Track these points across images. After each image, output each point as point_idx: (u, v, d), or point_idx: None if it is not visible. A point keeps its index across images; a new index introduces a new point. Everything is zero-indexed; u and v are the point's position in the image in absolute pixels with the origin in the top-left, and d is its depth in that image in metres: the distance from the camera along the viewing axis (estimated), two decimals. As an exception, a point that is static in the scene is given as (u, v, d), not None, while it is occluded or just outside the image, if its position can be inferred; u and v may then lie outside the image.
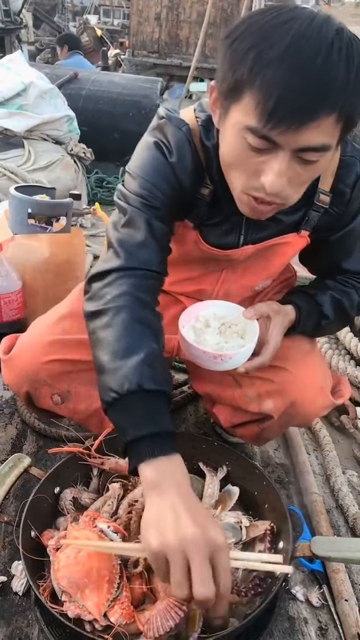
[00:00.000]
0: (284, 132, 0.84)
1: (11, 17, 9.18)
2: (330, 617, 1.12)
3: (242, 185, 0.96)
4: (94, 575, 0.94)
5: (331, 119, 0.84)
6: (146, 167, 1.06)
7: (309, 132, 0.84)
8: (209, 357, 1.08)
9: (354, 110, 0.86)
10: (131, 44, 11.05)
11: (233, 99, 0.88)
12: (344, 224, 1.17)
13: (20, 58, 3.74)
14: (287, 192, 0.93)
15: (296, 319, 1.18)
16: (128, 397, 0.89)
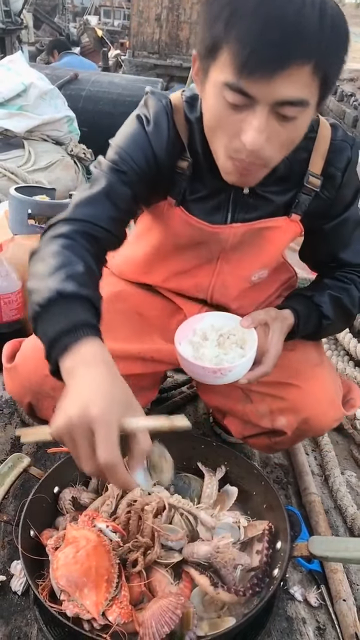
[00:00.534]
0: (257, 82, 0.85)
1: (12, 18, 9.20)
2: (328, 617, 1.12)
3: (224, 148, 0.97)
4: (92, 574, 0.95)
5: (305, 71, 0.85)
6: (124, 137, 1.09)
7: (283, 83, 0.85)
8: (208, 372, 1.06)
9: (329, 66, 0.87)
10: (131, 45, 11.07)
11: (211, 58, 0.90)
12: (337, 212, 1.17)
13: (20, 59, 3.74)
14: (268, 152, 0.94)
15: (295, 323, 1.16)
16: (50, 307, 0.88)
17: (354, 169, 1.14)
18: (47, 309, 0.89)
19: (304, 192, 1.13)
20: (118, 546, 1.02)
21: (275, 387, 1.21)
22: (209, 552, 1.02)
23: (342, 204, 1.16)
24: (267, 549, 1.04)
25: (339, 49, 0.88)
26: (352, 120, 7.98)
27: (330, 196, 1.15)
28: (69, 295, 0.90)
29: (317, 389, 1.22)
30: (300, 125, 0.93)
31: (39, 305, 0.89)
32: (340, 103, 8.74)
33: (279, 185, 1.11)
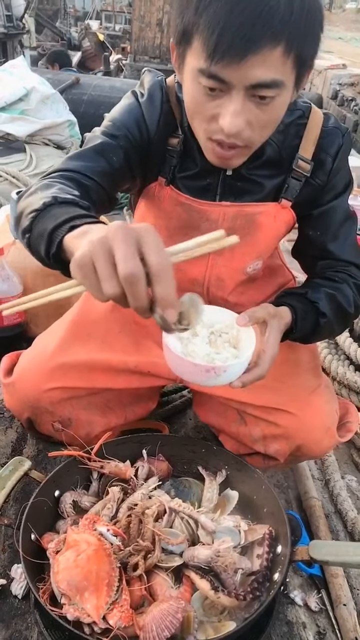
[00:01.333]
0: (228, 66, 0.86)
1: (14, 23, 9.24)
2: (329, 622, 1.12)
3: (204, 131, 0.98)
4: (93, 578, 0.95)
5: (277, 52, 0.85)
6: (119, 109, 1.14)
7: (254, 66, 0.85)
8: (200, 370, 0.92)
9: (302, 45, 0.88)
10: (133, 49, 11.10)
11: (186, 45, 0.92)
12: (326, 199, 1.17)
13: (22, 63, 3.77)
14: (248, 134, 0.95)
15: (293, 320, 1.09)
16: (46, 209, 0.86)
17: (345, 156, 1.15)
18: (44, 211, 0.86)
19: (294, 176, 1.13)
20: (119, 550, 1.02)
21: (270, 412, 1.21)
22: (209, 556, 1.02)
23: (332, 192, 1.16)
24: (268, 553, 1.05)
25: (311, 27, 0.89)
26: (352, 124, 8.00)
27: (322, 183, 1.15)
28: (66, 200, 0.88)
29: (312, 417, 1.21)
30: (278, 105, 0.94)
31: (35, 210, 0.87)
32: (341, 107, 8.76)
33: (269, 169, 1.12)
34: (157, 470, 1.24)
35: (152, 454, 1.27)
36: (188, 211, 1.16)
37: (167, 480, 1.25)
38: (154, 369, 1.29)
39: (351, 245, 1.21)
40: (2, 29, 8.94)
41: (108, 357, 1.27)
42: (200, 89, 0.92)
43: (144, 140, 1.12)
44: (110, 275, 0.67)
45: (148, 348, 1.32)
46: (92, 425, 1.30)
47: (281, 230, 1.21)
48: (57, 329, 1.34)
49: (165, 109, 1.11)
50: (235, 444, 1.33)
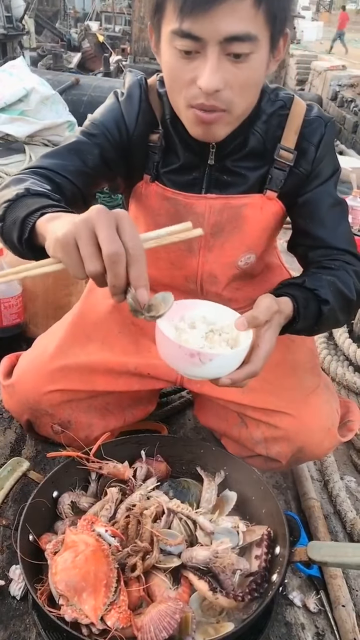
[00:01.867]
0: (198, 20, 0.87)
1: (13, 24, 9.26)
2: (328, 623, 1.12)
3: (183, 99, 0.98)
4: (91, 579, 0.94)
5: (246, 3, 0.87)
6: (100, 109, 1.18)
7: (224, 17, 0.87)
8: (184, 354, 0.86)
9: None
10: (133, 51, 11.10)
11: (160, 15, 0.95)
12: (311, 186, 1.16)
13: (22, 64, 3.77)
14: (227, 94, 0.95)
15: (294, 310, 1.02)
16: (19, 199, 0.93)
17: (329, 145, 1.15)
18: (17, 201, 0.93)
19: (277, 166, 1.14)
20: (117, 551, 1.02)
21: (270, 414, 1.21)
22: (207, 557, 1.02)
23: (317, 180, 1.16)
24: (266, 554, 1.04)
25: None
26: (352, 125, 8.01)
27: (306, 172, 1.15)
28: (38, 192, 0.95)
29: (311, 419, 1.20)
30: (255, 64, 0.95)
31: (7, 200, 0.93)
32: (341, 109, 8.77)
33: (252, 161, 1.13)
34: (156, 471, 1.24)
35: (150, 455, 1.27)
36: (175, 205, 1.17)
37: (166, 481, 1.25)
38: (153, 371, 1.29)
39: (343, 232, 1.19)
40: (2, 30, 8.96)
41: (108, 359, 1.27)
42: (176, 52, 0.94)
43: (123, 139, 1.14)
44: (93, 253, 0.73)
45: (147, 349, 1.32)
46: (92, 427, 1.30)
47: (270, 221, 1.20)
48: (56, 330, 1.34)
49: (144, 106, 1.14)
50: (237, 447, 1.32)
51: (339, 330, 1.99)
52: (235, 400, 1.25)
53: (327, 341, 2.03)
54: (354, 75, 9.52)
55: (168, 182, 1.17)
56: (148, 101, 1.14)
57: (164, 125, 1.13)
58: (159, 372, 1.29)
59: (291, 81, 12.92)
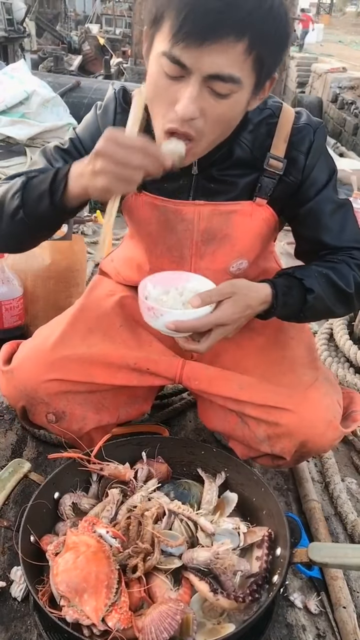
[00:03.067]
0: (188, 50, 0.89)
1: (14, 26, 9.28)
2: (328, 625, 1.12)
3: (161, 119, 1.00)
4: (92, 580, 0.95)
5: (238, 48, 0.88)
6: (80, 125, 1.23)
7: (213, 54, 0.88)
8: (145, 307, 1.05)
9: (264, 47, 0.91)
10: (133, 53, 11.14)
11: (156, 28, 0.95)
12: (309, 195, 1.17)
13: (23, 67, 3.79)
14: (200, 124, 0.97)
15: (273, 294, 1.10)
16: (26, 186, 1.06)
17: (320, 152, 1.16)
18: (26, 187, 1.06)
19: (266, 175, 1.15)
20: (118, 552, 1.02)
21: (270, 411, 1.21)
22: (208, 558, 1.02)
23: (313, 188, 1.17)
24: (267, 556, 1.05)
25: (276, 33, 0.92)
26: (352, 128, 8.02)
27: (296, 180, 1.15)
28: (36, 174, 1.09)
29: (312, 412, 1.20)
30: (234, 104, 0.96)
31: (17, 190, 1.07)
32: (341, 111, 8.79)
33: (241, 169, 1.14)
34: (157, 472, 1.24)
35: (151, 456, 1.28)
36: (164, 213, 1.18)
37: (167, 482, 1.25)
38: (153, 367, 1.29)
39: (350, 232, 1.20)
40: (3, 32, 8.98)
41: (108, 352, 1.28)
42: (162, 72, 0.95)
43: None
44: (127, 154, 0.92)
45: (149, 343, 1.33)
46: (85, 420, 1.30)
47: (261, 227, 1.21)
48: (58, 322, 1.34)
49: (119, 118, 1.17)
50: (244, 448, 1.33)
51: (339, 332, 2.00)
52: (234, 396, 1.25)
53: (328, 342, 2.04)
54: (354, 78, 9.54)
55: (155, 190, 1.18)
56: (125, 113, 1.13)
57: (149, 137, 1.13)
58: (158, 368, 1.29)
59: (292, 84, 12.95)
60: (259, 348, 1.32)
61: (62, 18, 18.79)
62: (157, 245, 1.23)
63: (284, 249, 2.97)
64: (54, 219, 1.12)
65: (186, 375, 1.29)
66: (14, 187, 1.08)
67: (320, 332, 2.11)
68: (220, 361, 1.33)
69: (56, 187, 1.03)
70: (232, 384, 1.25)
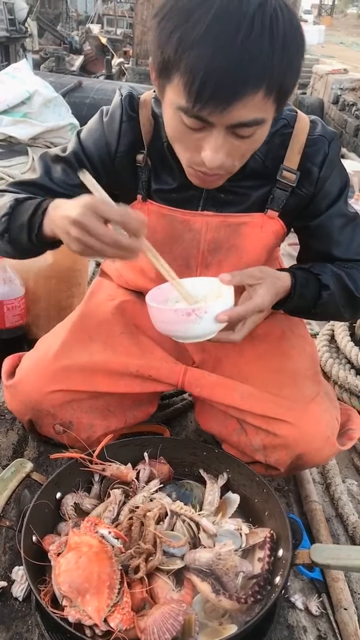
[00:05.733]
0: (212, 113, 0.86)
1: (16, 26, 9.28)
2: (330, 626, 1.12)
3: (187, 160, 1.00)
4: (94, 580, 0.95)
5: (259, 95, 0.86)
6: (85, 131, 1.20)
7: (238, 110, 0.86)
8: (181, 316, 0.97)
9: (283, 81, 0.88)
10: (135, 53, 11.15)
11: (166, 78, 0.91)
12: (321, 209, 1.16)
13: (25, 66, 3.79)
14: (229, 164, 0.97)
15: (292, 284, 1.11)
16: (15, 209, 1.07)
17: (334, 164, 1.14)
18: (13, 212, 1.08)
19: (279, 187, 1.13)
20: (120, 552, 1.02)
21: (269, 422, 1.21)
22: (210, 559, 1.02)
23: (325, 200, 1.16)
24: (269, 557, 1.05)
25: (293, 63, 0.89)
26: (353, 129, 8.02)
27: (309, 192, 1.14)
28: (26, 198, 1.10)
29: (311, 427, 1.20)
30: (258, 137, 0.96)
31: (5, 214, 1.08)
32: (342, 112, 8.78)
33: (253, 180, 1.12)
34: (159, 473, 1.24)
35: (153, 457, 1.28)
36: (171, 222, 1.17)
37: (169, 483, 1.25)
38: (155, 373, 1.29)
39: (358, 245, 1.20)
40: (5, 32, 8.98)
41: (110, 360, 1.28)
42: (181, 122, 0.93)
43: (104, 160, 1.16)
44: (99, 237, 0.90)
45: (150, 350, 1.32)
46: (93, 428, 1.31)
47: (270, 239, 1.21)
48: (59, 331, 1.34)
49: (125, 127, 1.14)
50: (237, 453, 1.32)
51: (340, 333, 1.99)
52: (235, 405, 1.25)
53: (329, 344, 2.04)
54: (355, 79, 9.53)
55: (163, 200, 1.17)
56: (132, 120, 1.13)
57: (152, 145, 1.13)
58: (160, 375, 1.29)
59: (293, 85, 12.87)
60: (261, 356, 1.32)
61: (64, 18, 18.79)
62: (162, 253, 1.23)
63: (286, 250, 2.96)
64: (36, 250, 1.12)
65: (188, 382, 1.29)
66: (4, 208, 1.10)
67: (321, 333, 2.11)
68: (222, 368, 1.33)
69: (33, 224, 1.04)
70: (233, 393, 1.25)
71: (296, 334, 1.38)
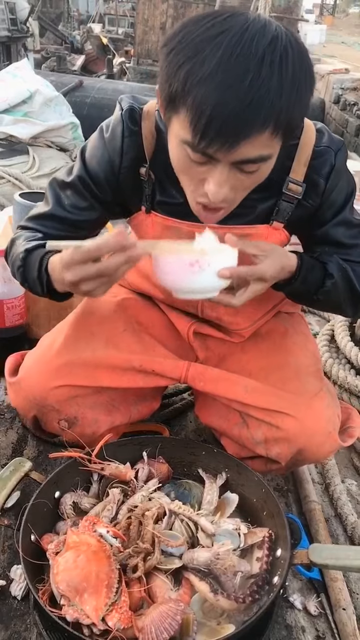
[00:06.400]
0: (218, 151, 0.86)
1: (18, 26, 9.28)
2: (328, 626, 1.12)
3: (191, 192, 1.00)
4: (92, 579, 0.95)
5: (265, 134, 0.85)
6: (88, 152, 1.18)
7: (244, 148, 0.86)
8: (184, 266, 0.96)
9: (290, 119, 0.87)
10: (136, 53, 11.15)
11: (172, 110, 0.90)
12: (326, 218, 1.15)
13: (26, 66, 3.79)
14: (232, 197, 0.97)
15: (297, 265, 1.10)
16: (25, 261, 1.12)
17: (340, 174, 1.13)
18: (24, 264, 1.13)
19: (285, 199, 1.13)
20: (118, 551, 1.03)
21: (272, 415, 1.21)
22: (209, 558, 1.02)
23: (332, 209, 1.15)
24: (267, 556, 1.05)
25: (301, 100, 0.88)
26: (355, 129, 8.01)
27: (315, 204, 1.14)
28: (33, 248, 1.13)
29: (313, 422, 1.20)
30: (263, 172, 0.96)
31: (19, 267, 1.15)
32: (343, 112, 8.77)
33: (259, 193, 1.09)
34: (157, 472, 1.24)
35: (152, 456, 1.28)
36: (176, 234, 1.17)
37: (167, 482, 1.25)
38: (158, 368, 1.29)
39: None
40: (7, 32, 8.98)
41: (113, 355, 1.28)
42: (186, 155, 0.92)
43: (109, 178, 1.16)
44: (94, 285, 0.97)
45: (152, 347, 1.33)
46: (98, 423, 1.30)
47: None
48: (61, 328, 1.34)
49: (127, 143, 1.13)
50: (237, 447, 1.33)
51: (340, 333, 1.99)
52: (239, 399, 1.25)
53: (329, 344, 2.04)
54: (357, 79, 9.52)
55: (167, 212, 1.17)
56: (133, 136, 1.13)
57: (154, 159, 1.13)
58: (164, 369, 1.29)
59: (294, 84, 12.87)
60: (263, 353, 1.33)
61: (65, 18, 18.77)
62: None
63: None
64: (58, 298, 1.15)
65: (191, 377, 1.29)
66: (17, 259, 1.14)
67: (321, 333, 2.11)
68: (225, 365, 1.33)
69: (42, 281, 1.10)
70: (237, 387, 1.25)
71: (298, 331, 1.38)
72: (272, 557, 1.05)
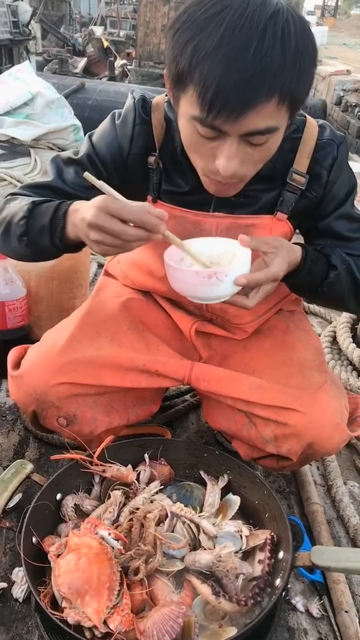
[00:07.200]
0: (225, 122, 0.89)
1: (20, 29, 9.32)
2: (330, 629, 1.12)
3: (202, 169, 1.02)
4: (94, 581, 0.95)
5: (272, 104, 0.88)
6: (97, 134, 1.20)
7: (251, 119, 0.89)
8: (201, 278, 0.97)
9: (295, 90, 0.90)
10: (138, 55, 11.17)
11: (180, 89, 0.94)
12: (327, 210, 1.18)
13: (28, 68, 3.80)
14: (243, 171, 0.99)
15: (302, 256, 1.11)
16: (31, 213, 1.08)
17: (342, 167, 1.17)
18: (31, 214, 1.08)
19: (289, 189, 1.15)
20: (120, 554, 1.02)
21: (279, 412, 1.21)
22: (210, 560, 1.02)
23: (333, 202, 1.18)
24: (269, 559, 1.04)
25: (305, 72, 0.91)
26: (356, 130, 8.02)
27: (318, 195, 1.16)
28: (41, 201, 1.10)
29: (320, 415, 1.20)
30: (271, 145, 0.98)
31: (22, 217, 1.09)
32: (345, 113, 8.78)
33: (263, 184, 1.14)
34: (159, 474, 1.24)
35: (154, 458, 1.27)
36: (182, 223, 1.19)
37: (169, 484, 1.25)
38: (162, 368, 1.29)
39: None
40: (9, 35, 9.02)
41: (117, 354, 1.28)
42: (195, 131, 0.95)
43: (117, 162, 1.18)
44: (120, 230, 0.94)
45: (156, 346, 1.33)
46: (96, 423, 1.30)
47: None
48: (65, 325, 1.34)
49: (137, 130, 1.16)
50: (248, 448, 1.33)
51: (342, 335, 2.00)
52: (243, 397, 1.25)
53: (331, 346, 2.04)
54: (358, 80, 9.53)
55: (174, 201, 1.19)
56: (143, 125, 1.15)
57: (163, 148, 1.15)
58: (167, 370, 1.29)
59: (295, 86, 12.86)
60: (266, 350, 1.33)
61: (67, 20, 18.85)
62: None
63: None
64: (56, 252, 1.13)
65: (195, 377, 1.29)
66: (21, 211, 1.10)
67: (323, 334, 2.11)
68: (228, 363, 1.33)
69: (55, 227, 1.05)
70: (241, 385, 1.25)
71: (300, 328, 1.39)
72: (274, 559, 1.05)
